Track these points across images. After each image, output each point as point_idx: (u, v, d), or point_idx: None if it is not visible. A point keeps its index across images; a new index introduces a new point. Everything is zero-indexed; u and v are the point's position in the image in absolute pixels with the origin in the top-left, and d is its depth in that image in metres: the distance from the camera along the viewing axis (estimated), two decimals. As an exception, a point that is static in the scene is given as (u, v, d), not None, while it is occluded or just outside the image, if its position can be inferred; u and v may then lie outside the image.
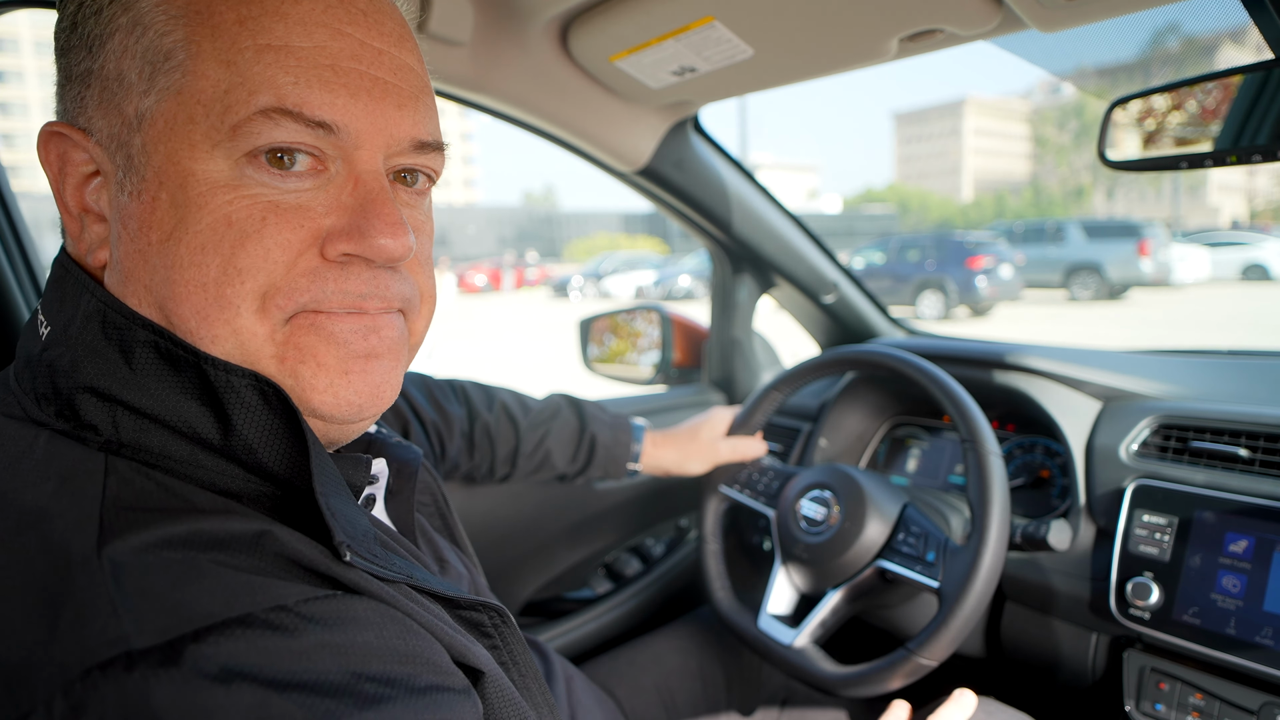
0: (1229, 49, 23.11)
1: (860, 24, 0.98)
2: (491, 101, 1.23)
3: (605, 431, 1.21)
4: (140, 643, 0.37)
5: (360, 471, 0.57)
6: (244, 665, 0.38)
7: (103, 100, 0.49)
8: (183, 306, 0.48)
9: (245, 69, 0.47)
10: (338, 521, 0.47)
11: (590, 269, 28.35)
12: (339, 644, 0.42)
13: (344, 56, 0.49)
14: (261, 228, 0.48)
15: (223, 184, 0.48)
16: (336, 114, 0.49)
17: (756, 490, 1.23)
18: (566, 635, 1.52)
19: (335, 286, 0.50)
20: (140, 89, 0.48)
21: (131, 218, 0.49)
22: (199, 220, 0.47)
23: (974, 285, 14.44)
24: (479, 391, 1.16)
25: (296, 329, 0.50)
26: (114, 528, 0.42)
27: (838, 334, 1.81)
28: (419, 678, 0.44)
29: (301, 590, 0.43)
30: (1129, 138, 1.01)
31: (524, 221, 65.75)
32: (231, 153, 0.47)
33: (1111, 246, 16.19)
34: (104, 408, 0.48)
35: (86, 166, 0.51)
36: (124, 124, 0.49)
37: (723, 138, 1.61)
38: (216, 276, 0.48)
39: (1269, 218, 61.75)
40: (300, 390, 0.51)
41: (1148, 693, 1.02)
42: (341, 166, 0.51)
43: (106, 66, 0.49)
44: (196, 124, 0.47)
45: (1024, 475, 1.30)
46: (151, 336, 0.48)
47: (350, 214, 0.50)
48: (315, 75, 0.48)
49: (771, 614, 1.12)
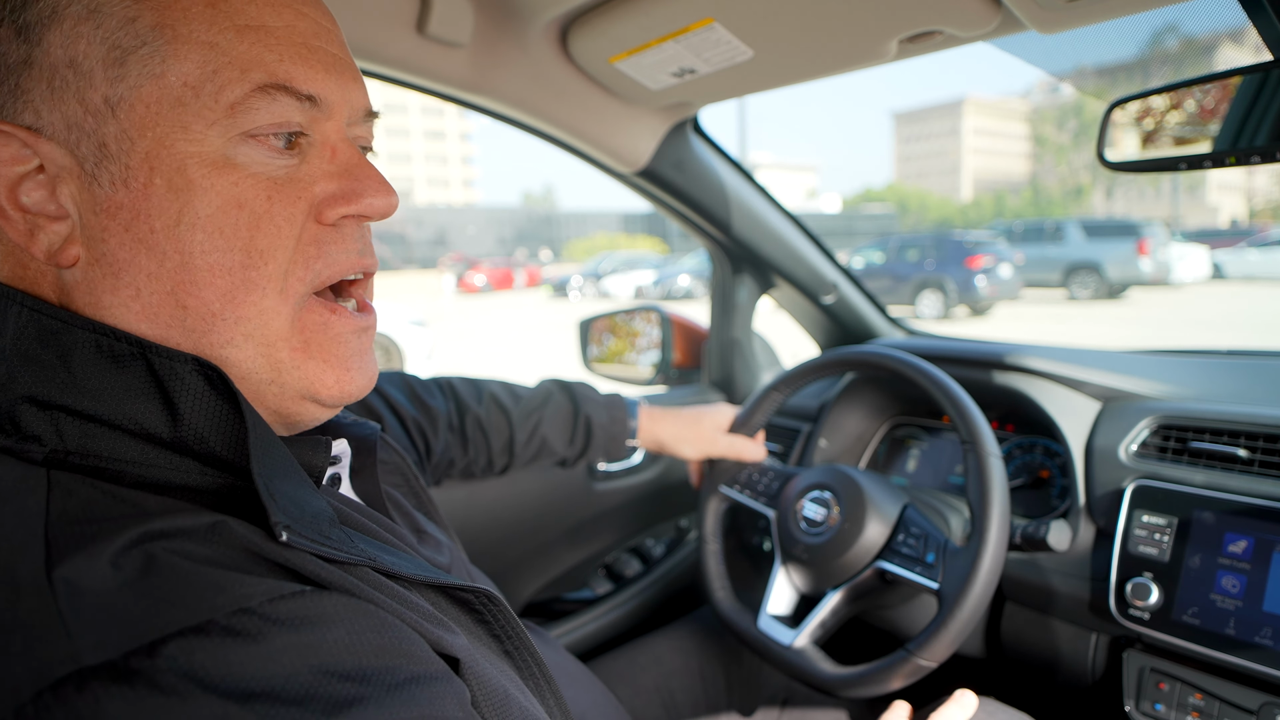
0: (1228, 49, 23.11)
1: (860, 25, 0.98)
2: (491, 103, 1.23)
3: (600, 412, 1.20)
4: (92, 659, 0.36)
5: (319, 453, 0.57)
6: (202, 676, 0.37)
7: (54, 91, 0.47)
8: (205, 290, 0.49)
9: (229, 49, 0.48)
10: (277, 502, 0.46)
11: (589, 269, 28.35)
12: (307, 644, 0.40)
13: (310, 35, 0.52)
14: (270, 206, 0.50)
15: (222, 165, 0.49)
16: (318, 87, 0.52)
17: (756, 491, 1.23)
18: (567, 636, 1.52)
19: (338, 248, 0.54)
20: (107, 76, 0.47)
21: (122, 208, 0.48)
22: (207, 203, 0.48)
23: (973, 285, 14.44)
24: (467, 385, 1.15)
25: (308, 326, 0.54)
26: (62, 545, 0.40)
27: (837, 334, 1.81)
28: (396, 671, 0.43)
29: (266, 587, 0.41)
30: (1128, 138, 1.01)
31: (523, 222, 65.73)
32: (227, 131, 0.48)
33: (1110, 246, 16.20)
34: (45, 416, 0.46)
35: (23, 165, 0.48)
36: (88, 112, 0.47)
37: (722, 137, 1.61)
38: (241, 260, 0.49)
39: (1268, 217, 61.80)
40: (308, 381, 0.54)
41: (1147, 693, 1.02)
42: (314, 138, 0.54)
43: (52, 54, 0.47)
44: (186, 105, 0.48)
45: (1023, 475, 1.30)
46: (92, 336, 0.47)
47: (339, 180, 0.54)
48: (294, 52, 0.51)
49: (771, 614, 1.12)
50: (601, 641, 1.56)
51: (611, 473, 1.63)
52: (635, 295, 24.03)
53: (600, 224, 64.85)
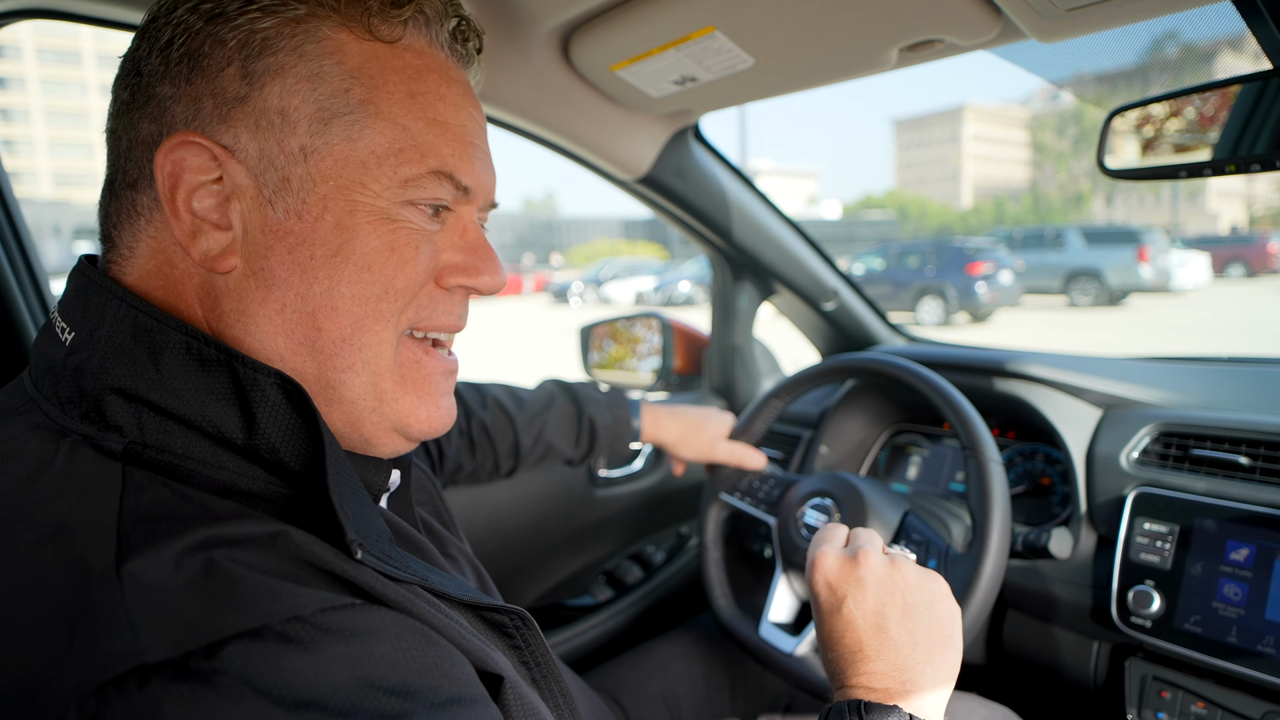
0: (1227, 56, 23.19)
1: (860, 34, 0.98)
2: (493, 110, 1.24)
3: (603, 413, 1.22)
4: (154, 656, 0.37)
5: (380, 474, 0.62)
6: (256, 680, 0.38)
7: (259, 128, 0.54)
8: (341, 315, 0.55)
9: (418, 135, 0.56)
10: (350, 520, 0.48)
11: (590, 275, 28.37)
12: (355, 656, 0.42)
13: (474, 134, 0.61)
14: (415, 256, 0.57)
15: (385, 218, 0.56)
16: (472, 180, 0.60)
17: (757, 498, 1.23)
18: (568, 643, 1.52)
19: (444, 309, 0.61)
20: (310, 129, 0.54)
21: (289, 233, 0.54)
22: (367, 243, 0.55)
23: (974, 291, 14.46)
24: (471, 391, 1.17)
25: (405, 362, 0.60)
26: (132, 541, 0.42)
27: (838, 341, 1.81)
28: (439, 690, 0.44)
29: (319, 598, 0.43)
30: (1128, 146, 1.01)
31: (524, 227, 65.84)
32: (395, 197, 0.56)
33: (1111, 252, 16.24)
34: (130, 408, 0.49)
35: (207, 175, 0.53)
36: (282, 152, 0.54)
37: (722, 143, 1.62)
38: (379, 293, 0.56)
39: (1268, 223, 61.83)
40: (401, 414, 0.59)
41: (1149, 701, 1.02)
42: (454, 214, 0.62)
43: (269, 101, 0.53)
44: (369, 169, 0.55)
45: (1025, 483, 1.30)
46: (184, 338, 0.50)
47: (464, 254, 0.62)
48: (463, 149, 0.59)
49: (773, 622, 1.12)
50: (601, 648, 1.55)
51: (612, 479, 1.63)
52: (636, 301, 24.06)
53: (601, 230, 64.97)
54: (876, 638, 0.71)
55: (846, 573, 0.75)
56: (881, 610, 0.72)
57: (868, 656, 0.70)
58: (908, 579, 0.74)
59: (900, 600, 0.72)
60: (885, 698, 0.67)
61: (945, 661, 0.72)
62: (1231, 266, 21.86)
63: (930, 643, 0.71)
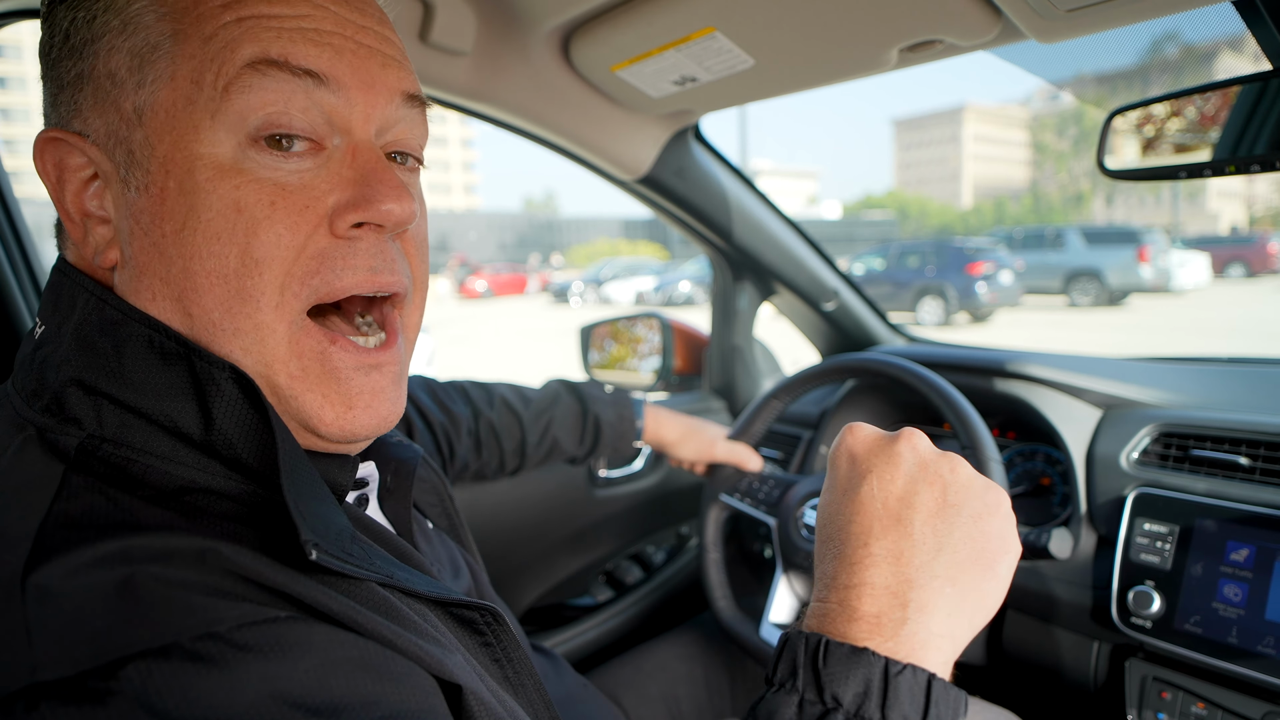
0: (1227, 56, 23.21)
1: (860, 35, 0.98)
2: (493, 111, 1.24)
3: (608, 411, 1.22)
4: (47, 674, 0.35)
5: (345, 472, 0.56)
6: (155, 702, 0.35)
7: (96, 100, 0.49)
8: (205, 298, 0.48)
9: (228, 35, 0.48)
10: (306, 520, 0.45)
11: (590, 274, 28.37)
12: (274, 674, 0.38)
13: (326, 23, 0.50)
14: (271, 212, 0.48)
15: (228, 168, 0.48)
16: (323, 65, 0.49)
17: (757, 498, 1.23)
18: (568, 643, 1.52)
19: (344, 263, 0.51)
20: (133, 83, 0.48)
21: (143, 213, 0.49)
22: (209, 207, 0.48)
23: (974, 291, 14.46)
24: (478, 390, 1.17)
25: (305, 354, 0.51)
26: (47, 547, 0.39)
27: (838, 341, 1.81)
28: (376, 705, 0.41)
29: (240, 612, 0.40)
30: (1128, 146, 1.01)
31: (525, 227, 65.82)
32: (232, 128, 0.48)
33: (1111, 253, 16.23)
34: (89, 401, 0.47)
35: (84, 171, 0.51)
36: (122, 120, 0.49)
37: (723, 143, 1.63)
38: (236, 268, 0.48)
39: (1268, 224, 61.83)
40: (305, 413, 0.52)
41: (1150, 702, 1.02)
42: (339, 142, 0.52)
43: (97, 67, 0.49)
44: (194, 103, 0.48)
45: (1025, 483, 1.30)
46: (146, 331, 0.48)
47: (353, 186, 0.51)
48: (299, 34, 0.49)
49: (774, 623, 1.12)
50: (601, 648, 1.55)
51: (612, 479, 1.63)
52: (636, 301, 24.06)
53: (601, 230, 64.95)
54: (891, 530, 0.52)
55: (879, 446, 0.57)
56: (909, 498, 0.53)
57: (869, 558, 0.51)
58: (959, 475, 0.55)
59: (940, 493, 0.54)
60: (870, 629, 0.48)
61: (976, 591, 0.51)
62: (1231, 267, 21.85)
63: (963, 558, 0.51)
